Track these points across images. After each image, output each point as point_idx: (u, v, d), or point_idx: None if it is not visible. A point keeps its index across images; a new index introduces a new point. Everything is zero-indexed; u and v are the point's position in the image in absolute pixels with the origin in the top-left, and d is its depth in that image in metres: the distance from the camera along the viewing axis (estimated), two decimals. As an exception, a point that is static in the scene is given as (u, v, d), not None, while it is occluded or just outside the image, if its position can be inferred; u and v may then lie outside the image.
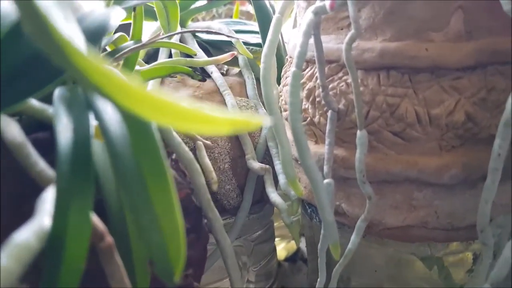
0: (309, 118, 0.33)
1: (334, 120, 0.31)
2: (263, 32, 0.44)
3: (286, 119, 0.36)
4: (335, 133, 0.31)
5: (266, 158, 0.41)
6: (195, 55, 0.36)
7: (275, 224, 0.48)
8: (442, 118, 0.28)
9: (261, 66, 0.32)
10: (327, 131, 0.31)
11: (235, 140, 0.41)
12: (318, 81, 0.31)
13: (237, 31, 0.49)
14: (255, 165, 0.39)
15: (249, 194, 0.41)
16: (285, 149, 0.31)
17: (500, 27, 0.28)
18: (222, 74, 0.49)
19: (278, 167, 0.38)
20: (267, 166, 0.39)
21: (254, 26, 0.49)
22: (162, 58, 0.42)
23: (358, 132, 0.28)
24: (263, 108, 0.42)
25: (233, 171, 0.41)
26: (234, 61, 0.46)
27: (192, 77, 0.34)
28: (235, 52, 0.35)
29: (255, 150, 0.41)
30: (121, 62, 0.34)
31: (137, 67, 0.35)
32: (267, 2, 0.45)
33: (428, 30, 0.28)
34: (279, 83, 0.41)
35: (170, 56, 0.43)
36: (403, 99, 0.29)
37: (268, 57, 0.32)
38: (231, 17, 0.78)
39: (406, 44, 0.29)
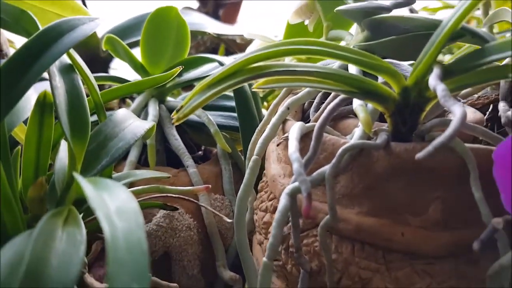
0: (281, 262, 0.33)
1: (306, 281, 0.30)
2: (240, 114, 0.42)
3: (260, 244, 0.35)
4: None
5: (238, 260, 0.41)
6: (168, 177, 0.34)
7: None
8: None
9: (235, 210, 0.31)
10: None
11: (206, 242, 0.40)
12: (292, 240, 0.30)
13: (215, 107, 0.47)
14: (225, 274, 0.39)
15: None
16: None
17: (475, 219, 0.27)
18: (199, 156, 0.48)
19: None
20: (237, 276, 0.39)
21: (228, 98, 0.47)
22: (132, 156, 0.40)
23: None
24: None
25: (203, 273, 0.40)
26: (213, 142, 0.44)
27: (164, 209, 0.33)
28: (209, 186, 0.33)
29: (227, 253, 0.41)
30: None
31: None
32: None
33: (406, 213, 0.28)
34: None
35: (144, 148, 0.41)
36: (375, 275, 0.29)
37: (243, 201, 0.31)
38: (217, 44, 0.74)
39: (383, 224, 0.28)
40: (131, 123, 0.30)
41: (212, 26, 0.60)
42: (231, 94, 0.47)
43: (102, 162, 0.28)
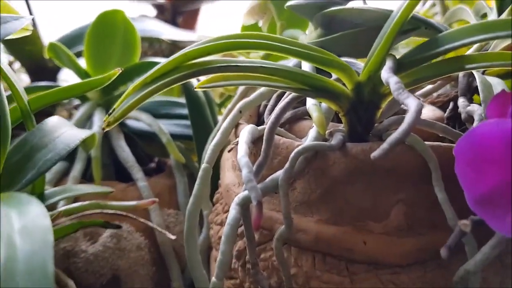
0: (238, 280, 0.30)
1: (263, 299, 0.28)
2: (194, 121, 0.40)
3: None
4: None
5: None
6: (111, 192, 0.31)
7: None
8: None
9: (185, 226, 0.28)
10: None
11: (160, 262, 0.37)
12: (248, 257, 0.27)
13: (169, 116, 0.44)
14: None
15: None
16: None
17: (442, 221, 0.25)
18: (152, 168, 0.45)
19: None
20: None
21: (182, 106, 0.45)
22: (76, 170, 0.37)
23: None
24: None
25: (157, 295, 0.37)
26: (166, 152, 0.41)
27: (105, 228, 0.30)
28: (156, 200, 0.31)
29: (183, 273, 0.37)
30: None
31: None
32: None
33: (367, 219, 0.26)
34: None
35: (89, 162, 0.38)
36: (338, 289, 0.26)
37: (193, 215, 0.29)
38: (175, 51, 0.72)
39: (344, 232, 0.26)
40: (63, 132, 0.27)
41: (167, 33, 0.57)
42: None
43: (27, 176, 0.24)
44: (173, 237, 0.27)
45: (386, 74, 0.22)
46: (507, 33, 0.22)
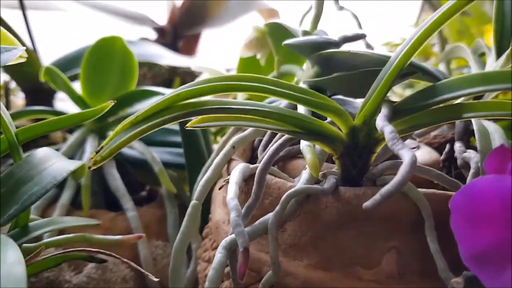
0: (223, 322, 0.29)
1: None
2: (187, 150, 0.39)
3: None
4: None
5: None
6: (97, 224, 0.30)
7: None
8: None
9: (171, 262, 0.28)
10: None
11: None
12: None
13: (162, 143, 0.44)
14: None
15: None
16: None
17: (433, 271, 0.25)
18: (142, 197, 0.44)
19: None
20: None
21: (177, 133, 0.44)
22: (64, 198, 0.36)
23: None
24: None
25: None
26: (157, 181, 0.41)
27: (89, 261, 0.29)
28: (143, 235, 0.30)
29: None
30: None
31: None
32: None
33: (357, 265, 0.25)
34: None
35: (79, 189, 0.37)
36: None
37: (179, 253, 0.28)
38: (175, 76, 0.72)
39: (333, 278, 0.25)
40: (52, 165, 0.27)
41: (166, 58, 0.58)
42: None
43: (10, 211, 0.24)
44: (155, 279, 0.26)
45: (381, 122, 0.22)
46: (507, 86, 0.22)
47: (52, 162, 0.27)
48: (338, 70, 0.28)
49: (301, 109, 0.29)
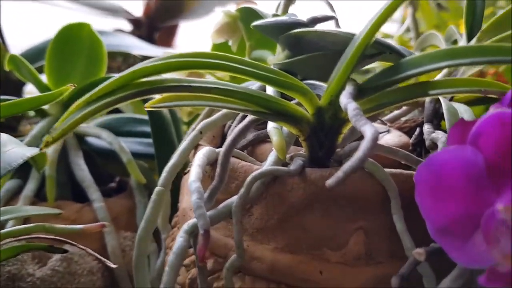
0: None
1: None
2: (156, 140, 0.38)
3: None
4: None
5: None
6: (59, 213, 0.29)
7: None
8: None
9: (134, 252, 0.27)
10: None
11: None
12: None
13: (133, 133, 0.42)
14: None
15: None
16: None
17: (401, 251, 0.24)
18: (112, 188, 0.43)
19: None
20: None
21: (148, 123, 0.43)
22: (28, 189, 0.35)
23: None
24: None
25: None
26: (127, 172, 0.40)
27: (50, 252, 0.28)
28: (105, 223, 0.29)
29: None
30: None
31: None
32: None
33: (324, 247, 0.25)
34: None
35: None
36: (293, 321, 0.25)
37: (143, 241, 0.27)
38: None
39: (300, 261, 0.24)
40: (7, 151, 0.26)
41: (138, 48, 0.56)
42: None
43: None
44: (113, 265, 0.25)
45: (345, 99, 0.22)
46: (471, 60, 0.22)
47: (8, 148, 0.26)
48: (307, 52, 0.28)
49: (270, 90, 0.28)
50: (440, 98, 0.28)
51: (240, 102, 0.23)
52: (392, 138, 0.32)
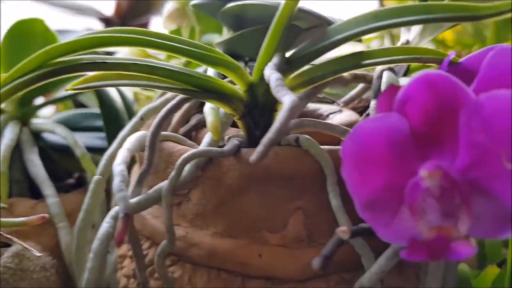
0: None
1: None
2: (108, 132, 0.37)
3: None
4: None
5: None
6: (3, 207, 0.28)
7: None
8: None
9: (74, 243, 0.26)
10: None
11: (70, 284, 0.34)
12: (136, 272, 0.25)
13: (88, 128, 0.42)
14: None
15: None
16: None
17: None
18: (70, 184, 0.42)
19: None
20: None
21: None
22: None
23: None
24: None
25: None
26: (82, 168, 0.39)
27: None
28: (46, 215, 0.28)
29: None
30: None
31: None
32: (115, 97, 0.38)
33: (263, 230, 0.24)
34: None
35: None
36: (235, 308, 0.24)
37: (82, 232, 0.26)
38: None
39: (238, 245, 0.23)
40: None
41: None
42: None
43: None
44: (38, 254, 0.24)
45: (268, 71, 0.21)
46: (399, 20, 0.21)
47: None
48: (245, 28, 0.27)
49: (211, 71, 0.27)
50: (384, 72, 0.27)
51: (165, 80, 0.22)
52: (342, 117, 0.30)
